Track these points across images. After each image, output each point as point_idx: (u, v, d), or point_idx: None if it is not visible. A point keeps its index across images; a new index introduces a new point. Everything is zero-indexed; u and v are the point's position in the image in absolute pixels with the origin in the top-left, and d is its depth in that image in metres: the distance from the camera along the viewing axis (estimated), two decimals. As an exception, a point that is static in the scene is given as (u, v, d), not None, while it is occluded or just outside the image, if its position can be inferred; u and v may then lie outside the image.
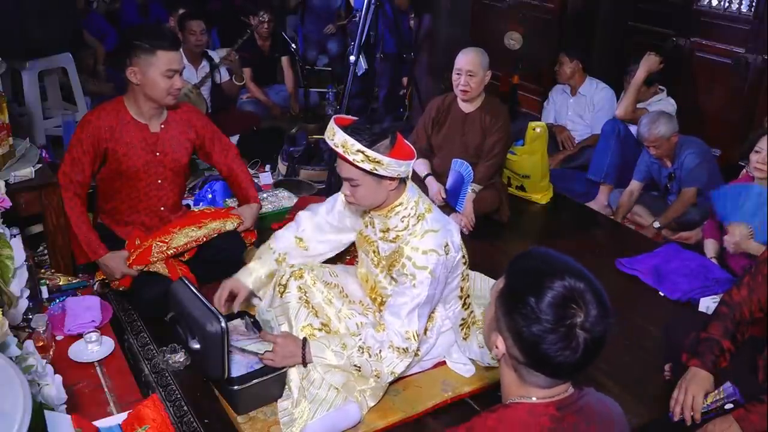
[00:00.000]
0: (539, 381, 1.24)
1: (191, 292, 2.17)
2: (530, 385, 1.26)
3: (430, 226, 2.10)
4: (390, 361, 2.06)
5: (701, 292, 2.83)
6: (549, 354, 1.17)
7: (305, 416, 2.03)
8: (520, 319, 1.18)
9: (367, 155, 1.96)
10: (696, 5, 4.16)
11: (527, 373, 1.24)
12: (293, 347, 2.08)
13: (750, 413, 1.88)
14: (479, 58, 3.35)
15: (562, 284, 1.17)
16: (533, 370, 1.22)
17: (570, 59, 4.28)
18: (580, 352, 1.16)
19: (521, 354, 1.21)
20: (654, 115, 3.47)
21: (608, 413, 1.32)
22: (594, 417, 1.27)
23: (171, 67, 2.52)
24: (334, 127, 2.00)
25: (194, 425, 2.09)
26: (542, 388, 1.25)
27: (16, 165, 2.61)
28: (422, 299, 2.05)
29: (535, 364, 1.21)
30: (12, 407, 1.16)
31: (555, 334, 1.16)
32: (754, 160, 2.78)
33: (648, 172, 3.63)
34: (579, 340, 1.16)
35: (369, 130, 1.98)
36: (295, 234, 2.43)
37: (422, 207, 2.14)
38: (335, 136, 1.99)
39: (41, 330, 2.02)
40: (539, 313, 1.16)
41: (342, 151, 1.98)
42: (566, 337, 1.16)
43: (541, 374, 1.23)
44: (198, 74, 4.53)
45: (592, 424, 1.25)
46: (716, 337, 2.01)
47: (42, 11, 3.81)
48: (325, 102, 5.63)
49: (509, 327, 1.21)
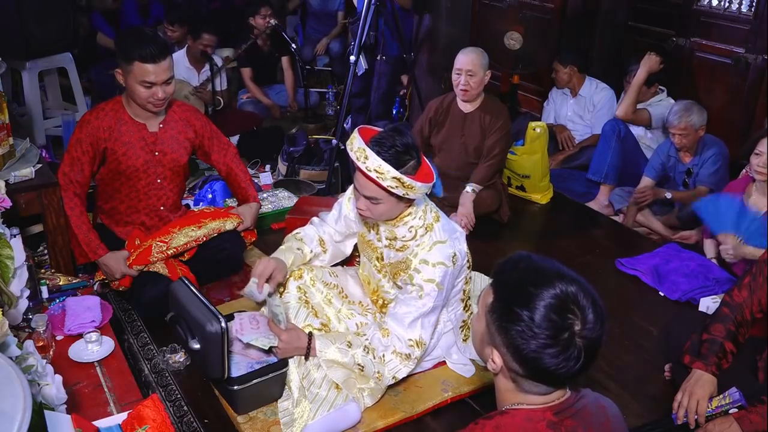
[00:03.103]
0: (538, 389, 1.23)
1: (191, 292, 2.16)
2: (528, 393, 1.24)
3: (438, 237, 2.08)
4: (393, 365, 2.06)
5: (701, 292, 2.83)
6: (550, 367, 1.15)
7: (305, 416, 2.03)
8: (517, 336, 1.15)
9: (402, 182, 1.92)
10: (696, 5, 4.16)
11: (526, 383, 1.23)
12: (299, 342, 2.08)
13: (750, 413, 1.88)
14: (479, 58, 3.35)
15: (554, 293, 1.15)
16: (533, 381, 1.21)
17: (564, 65, 4.29)
18: (581, 360, 1.15)
19: (521, 368, 1.20)
20: (687, 104, 3.47)
21: (604, 414, 1.31)
22: (591, 419, 1.26)
23: (146, 79, 2.45)
24: (366, 149, 1.92)
25: (194, 425, 2.09)
26: (540, 395, 1.24)
27: (16, 165, 2.61)
28: (427, 309, 2.06)
29: (536, 376, 1.20)
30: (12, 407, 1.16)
31: (555, 348, 1.14)
32: (755, 162, 2.78)
33: (662, 168, 3.63)
34: (579, 347, 1.15)
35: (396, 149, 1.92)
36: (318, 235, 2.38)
37: (430, 216, 2.12)
38: (368, 161, 1.91)
39: (41, 330, 2.01)
40: (535, 328, 1.13)
41: (376, 176, 1.91)
42: (566, 348, 1.14)
43: (542, 384, 1.22)
44: (200, 78, 4.54)
45: (589, 427, 1.24)
46: (718, 339, 2.02)
47: (42, 11, 3.82)
48: (325, 102, 5.64)
49: (506, 343, 1.19)
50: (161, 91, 2.50)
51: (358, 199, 2.07)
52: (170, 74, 2.52)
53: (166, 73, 2.49)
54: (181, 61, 4.50)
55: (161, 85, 2.49)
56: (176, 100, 2.83)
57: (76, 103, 4.46)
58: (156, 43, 2.45)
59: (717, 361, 1.99)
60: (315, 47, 5.91)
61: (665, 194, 3.55)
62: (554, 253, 3.32)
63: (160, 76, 2.46)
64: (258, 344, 2.11)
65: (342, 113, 4.06)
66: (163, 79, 2.48)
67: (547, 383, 1.21)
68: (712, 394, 1.97)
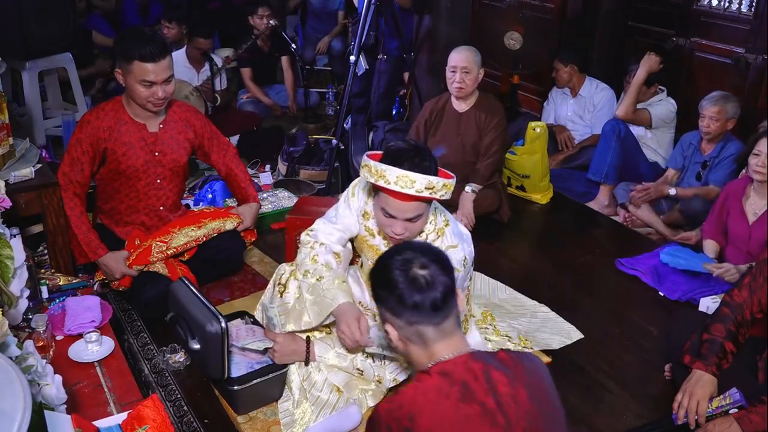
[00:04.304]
0: (431, 334, 1.40)
1: (191, 292, 2.17)
2: (431, 344, 1.41)
3: (450, 242, 2.06)
4: (393, 368, 2.06)
5: (701, 292, 2.83)
6: (404, 295, 1.39)
7: (306, 418, 2.03)
8: (385, 295, 1.44)
9: (447, 184, 1.88)
10: (696, 5, 4.16)
11: (414, 333, 1.41)
12: (294, 346, 2.08)
13: (750, 413, 1.88)
14: (473, 56, 3.36)
15: (395, 259, 1.44)
16: (413, 323, 1.40)
17: (564, 64, 4.28)
18: (432, 288, 1.39)
19: (397, 317, 1.42)
20: (726, 93, 3.49)
21: (517, 357, 1.43)
22: (503, 358, 1.40)
23: (146, 79, 2.45)
24: (408, 174, 1.82)
25: (194, 425, 2.09)
26: (441, 341, 1.40)
27: (16, 165, 2.60)
28: None
29: (404, 312, 1.40)
30: (12, 407, 1.16)
31: (408, 286, 1.40)
32: (753, 163, 2.78)
33: (682, 158, 3.65)
34: (424, 277, 1.40)
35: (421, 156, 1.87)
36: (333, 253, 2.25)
37: (440, 220, 2.10)
38: (416, 183, 1.83)
39: (41, 330, 2.01)
40: (391, 282, 1.42)
41: (429, 194, 1.86)
42: (414, 281, 1.40)
43: (418, 321, 1.39)
44: (199, 77, 4.54)
45: (501, 366, 1.37)
46: (718, 339, 2.01)
47: (42, 11, 3.82)
48: (325, 102, 5.63)
49: (386, 309, 1.44)
50: (161, 91, 2.50)
51: (389, 226, 1.97)
52: (170, 73, 2.52)
53: (166, 72, 2.49)
54: (180, 61, 4.49)
55: (161, 85, 2.49)
56: (176, 100, 2.83)
57: (76, 103, 4.46)
58: (155, 42, 2.45)
59: (717, 362, 1.99)
60: (315, 47, 5.91)
61: (669, 191, 3.55)
62: (554, 253, 3.32)
63: (160, 76, 2.47)
64: (253, 347, 2.11)
65: (342, 113, 4.05)
66: (162, 78, 2.48)
67: (417, 316, 1.40)
68: (712, 395, 1.97)
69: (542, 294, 2.87)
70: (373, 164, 1.89)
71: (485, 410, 1.29)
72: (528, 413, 1.31)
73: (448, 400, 1.29)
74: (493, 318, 2.58)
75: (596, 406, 2.27)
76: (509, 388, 1.32)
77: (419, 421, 1.27)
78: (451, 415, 1.27)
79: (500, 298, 2.85)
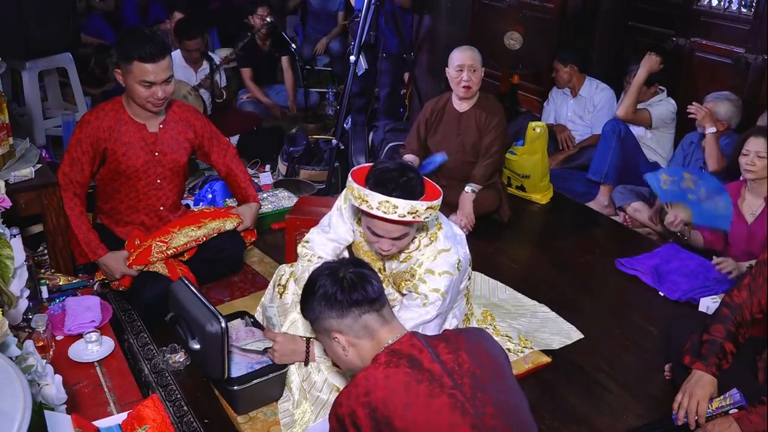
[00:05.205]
0: (375, 322, 1.51)
1: (191, 292, 2.17)
2: (376, 333, 1.51)
3: (442, 245, 2.06)
4: None
5: (701, 292, 2.83)
6: (345, 296, 1.50)
7: (306, 418, 2.03)
8: (325, 307, 1.53)
9: (432, 207, 1.87)
10: (696, 5, 4.16)
11: (362, 327, 1.51)
12: (294, 346, 2.08)
13: (750, 413, 1.88)
14: (477, 54, 3.36)
15: (322, 275, 1.57)
16: (360, 316, 1.50)
17: (564, 64, 4.28)
18: (347, 282, 1.52)
19: (343, 318, 1.51)
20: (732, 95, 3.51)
21: (456, 330, 1.55)
22: (442, 334, 1.54)
23: (146, 79, 2.45)
24: (390, 200, 1.81)
25: (194, 425, 2.09)
26: (384, 327, 1.52)
27: (16, 165, 2.60)
28: (430, 317, 2.05)
29: (348, 311, 1.50)
30: (12, 407, 1.16)
31: (335, 286, 1.52)
32: (743, 162, 2.78)
33: (684, 158, 3.64)
34: (348, 276, 1.53)
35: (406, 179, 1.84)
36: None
37: (432, 224, 2.11)
38: (399, 209, 1.82)
39: (41, 330, 2.01)
40: (327, 293, 1.52)
41: (412, 218, 1.85)
42: (339, 281, 1.52)
43: (363, 311, 1.50)
44: (197, 76, 4.53)
45: (441, 339, 1.50)
46: (718, 339, 2.02)
47: (42, 11, 3.82)
48: (325, 102, 5.63)
49: (330, 319, 1.53)
50: (161, 91, 2.50)
51: (376, 242, 1.98)
52: (169, 73, 2.52)
53: (165, 73, 2.49)
54: (177, 61, 4.48)
55: (161, 85, 2.49)
56: (176, 100, 2.84)
57: (76, 103, 4.46)
58: (155, 42, 2.45)
59: (717, 362, 1.99)
60: (315, 47, 5.91)
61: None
62: (554, 253, 3.32)
63: (160, 76, 2.47)
64: (252, 347, 2.12)
65: (342, 113, 4.05)
66: (162, 79, 2.48)
67: (354, 311, 1.50)
68: (712, 395, 1.97)
69: (542, 294, 2.88)
70: (356, 187, 1.88)
71: (432, 376, 1.41)
72: (470, 372, 1.45)
73: (398, 371, 1.42)
74: (493, 318, 2.58)
75: (596, 406, 2.27)
76: (452, 354, 1.46)
77: (375, 395, 1.40)
78: (401, 383, 1.40)
79: (500, 298, 2.85)
